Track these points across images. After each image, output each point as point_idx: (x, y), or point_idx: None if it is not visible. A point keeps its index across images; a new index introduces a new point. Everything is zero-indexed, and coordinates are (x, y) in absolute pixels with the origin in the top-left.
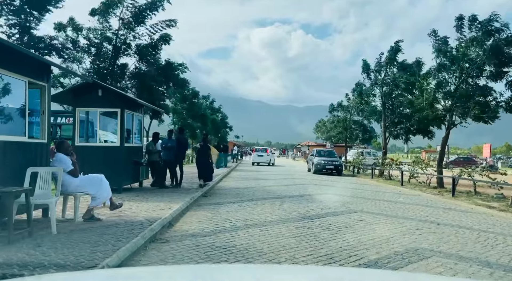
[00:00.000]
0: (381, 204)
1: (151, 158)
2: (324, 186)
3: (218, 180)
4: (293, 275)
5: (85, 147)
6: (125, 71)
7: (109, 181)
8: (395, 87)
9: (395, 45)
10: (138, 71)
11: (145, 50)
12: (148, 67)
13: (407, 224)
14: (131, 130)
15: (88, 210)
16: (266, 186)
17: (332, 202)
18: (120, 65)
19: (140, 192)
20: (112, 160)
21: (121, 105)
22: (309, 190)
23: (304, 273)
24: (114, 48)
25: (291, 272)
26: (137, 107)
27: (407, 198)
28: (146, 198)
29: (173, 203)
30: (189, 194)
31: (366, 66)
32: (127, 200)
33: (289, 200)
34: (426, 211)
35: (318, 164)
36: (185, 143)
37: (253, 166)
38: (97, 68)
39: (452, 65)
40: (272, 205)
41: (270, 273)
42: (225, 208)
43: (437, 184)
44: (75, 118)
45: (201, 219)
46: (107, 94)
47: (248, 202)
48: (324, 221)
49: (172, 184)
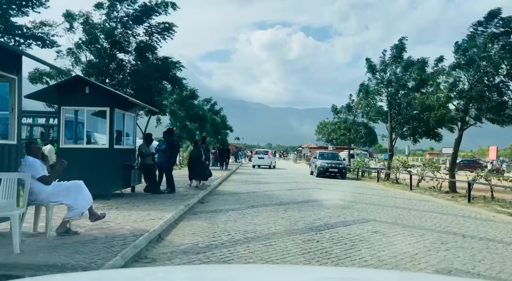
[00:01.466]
0: (394, 212)
1: (143, 161)
2: (329, 191)
3: (217, 184)
4: (293, 275)
5: (71, 149)
6: (123, 67)
7: (97, 186)
8: (401, 86)
9: (400, 43)
10: (135, 68)
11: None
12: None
13: (428, 236)
14: (122, 131)
15: (63, 222)
16: (267, 191)
17: (340, 209)
18: (118, 61)
19: (132, 198)
20: (100, 163)
21: (110, 103)
22: (313, 195)
23: (304, 273)
24: (112, 44)
25: (291, 272)
26: (129, 106)
27: (420, 204)
28: (136, 206)
29: (165, 212)
30: (184, 200)
31: (371, 66)
32: (114, 207)
33: (293, 207)
34: (445, 219)
35: (321, 167)
36: (176, 146)
37: (253, 168)
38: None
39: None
40: (275, 213)
41: (270, 273)
42: (223, 217)
43: (449, 189)
44: (60, 118)
45: (196, 230)
46: (95, 91)
47: (249, 209)
48: (334, 232)
49: (167, 189)
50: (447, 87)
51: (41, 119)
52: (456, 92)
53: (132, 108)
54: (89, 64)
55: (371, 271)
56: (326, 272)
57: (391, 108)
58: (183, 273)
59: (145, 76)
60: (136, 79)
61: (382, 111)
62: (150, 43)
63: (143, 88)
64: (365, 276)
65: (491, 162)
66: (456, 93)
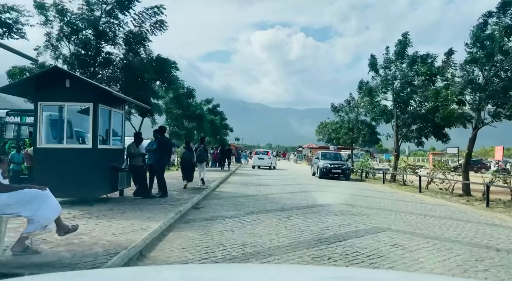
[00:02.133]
0: (409, 218)
1: (132, 162)
2: (334, 193)
3: (214, 187)
4: (293, 275)
5: (50, 150)
6: (111, 61)
7: (78, 191)
8: (407, 83)
9: (403, 38)
10: (125, 62)
11: (133, 38)
12: (137, 58)
13: (457, 251)
14: (108, 130)
15: (20, 238)
16: (268, 194)
17: (349, 215)
18: (106, 54)
19: (118, 203)
20: (82, 165)
21: (94, 98)
22: (318, 198)
23: (304, 273)
24: (97, 34)
25: (291, 272)
26: (116, 102)
27: (435, 209)
28: (120, 213)
29: (152, 221)
30: (176, 206)
31: (374, 63)
32: (96, 215)
33: (297, 213)
34: (468, 228)
35: (324, 168)
36: (168, 145)
37: (253, 169)
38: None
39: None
40: (277, 221)
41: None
42: (219, 226)
43: (463, 191)
44: (38, 115)
45: (186, 244)
46: (77, 85)
47: (248, 216)
48: (347, 246)
49: (159, 193)
50: (461, 82)
51: (30, 118)
52: (471, 87)
53: (120, 104)
54: (72, 56)
55: (371, 271)
56: (326, 272)
57: (397, 107)
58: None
59: (137, 70)
60: (127, 75)
61: (386, 110)
62: (140, 33)
63: (135, 85)
64: (365, 276)
65: (497, 162)
66: (471, 88)
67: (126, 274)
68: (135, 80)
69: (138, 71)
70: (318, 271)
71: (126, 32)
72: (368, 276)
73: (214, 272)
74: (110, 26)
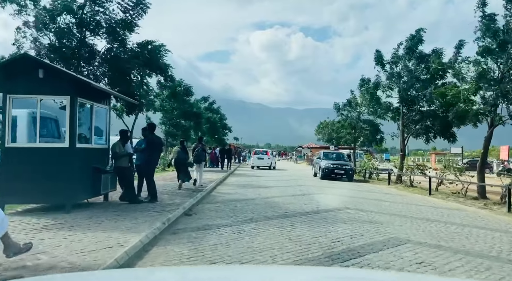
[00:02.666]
0: (428, 226)
1: (118, 163)
2: (339, 196)
3: (211, 189)
4: (293, 275)
5: (20, 150)
6: (95, 52)
7: (53, 196)
8: (415, 79)
9: (417, 33)
10: (110, 54)
11: (118, 27)
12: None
13: (496, 270)
14: (90, 127)
15: None
16: (268, 197)
17: (361, 223)
18: (89, 46)
19: (100, 210)
20: (58, 167)
21: (71, 91)
22: (322, 202)
23: (304, 273)
24: (79, 24)
25: (291, 272)
26: (99, 96)
27: (453, 215)
28: (99, 222)
29: (133, 233)
30: (165, 212)
31: (380, 57)
32: (68, 226)
33: (301, 221)
34: (498, 239)
35: (326, 168)
36: (158, 144)
37: (252, 169)
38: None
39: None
40: (280, 230)
41: (270, 273)
42: (212, 237)
43: (478, 194)
44: (6, 109)
45: (172, 262)
46: (52, 76)
47: (246, 225)
48: (365, 264)
49: (148, 197)
50: (474, 77)
51: None
52: (486, 82)
53: (104, 99)
54: (50, 48)
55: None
56: (326, 272)
57: (403, 104)
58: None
59: (123, 62)
60: (112, 68)
61: (392, 108)
62: (124, 19)
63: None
64: (365, 276)
65: (503, 162)
66: (486, 83)
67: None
68: (122, 74)
69: (124, 62)
70: (318, 271)
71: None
72: (368, 277)
73: (214, 273)
74: (95, 13)
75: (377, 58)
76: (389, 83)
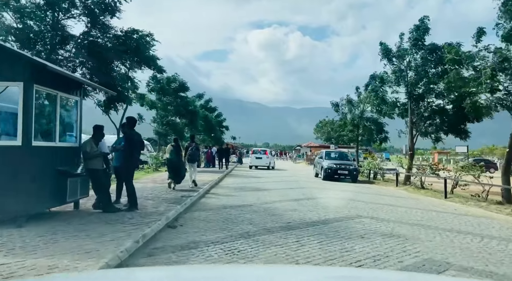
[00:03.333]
0: (463, 242)
1: (89, 165)
2: (347, 200)
3: (204, 192)
4: (293, 275)
5: None
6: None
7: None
8: (424, 73)
9: (421, 23)
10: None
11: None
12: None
13: None
14: (54, 122)
15: None
16: (268, 203)
17: (381, 237)
18: (61, 28)
19: (63, 222)
20: (7, 169)
21: (25, 76)
22: (330, 209)
23: (304, 273)
24: (48, 3)
25: (291, 272)
26: (65, 84)
27: (485, 225)
28: (51, 242)
29: (91, 258)
30: (143, 225)
31: (386, 50)
32: (9, 248)
33: (309, 235)
34: None
35: (329, 168)
36: (138, 142)
37: (250, 169)
38: (24, 28)
39: None
40: (284, 249)
41: (270, 273)
42: (197, 260)
43: (503, 198)
44: None
45: None
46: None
47: (242, 241)
48: None
49: (127, 204)
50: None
51: None
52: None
53: (74, 89)
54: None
55: (371, 271)
56: (327, 272)
57: (411, 100)
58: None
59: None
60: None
61: (399, 104)
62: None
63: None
64: (365, 276)
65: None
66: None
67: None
68: (104, 63)
69: (106, 50)
70: (319, 271)
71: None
72: (369, 276)
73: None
74: None
75: (384, 51)
76: (396, 77)
